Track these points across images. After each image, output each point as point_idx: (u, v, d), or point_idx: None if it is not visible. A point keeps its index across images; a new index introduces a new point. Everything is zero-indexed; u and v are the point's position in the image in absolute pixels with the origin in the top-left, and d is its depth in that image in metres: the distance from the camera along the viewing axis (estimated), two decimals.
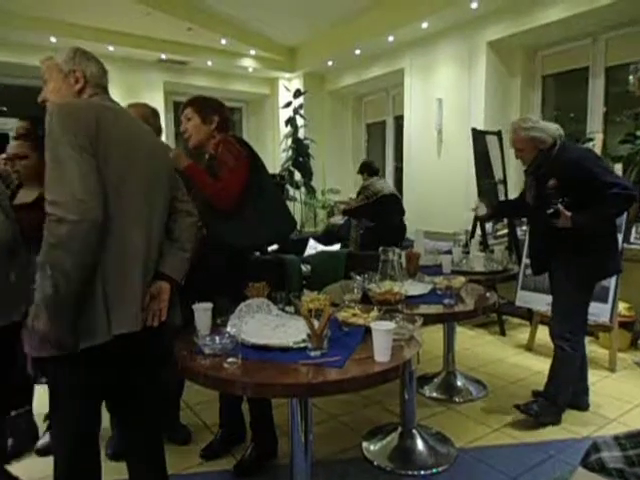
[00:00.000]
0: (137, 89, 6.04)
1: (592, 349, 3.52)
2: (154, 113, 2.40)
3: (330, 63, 6.51)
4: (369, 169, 4.71)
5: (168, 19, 5.24)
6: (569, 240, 2.38)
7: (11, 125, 4.24)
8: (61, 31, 5.16)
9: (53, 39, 5.19)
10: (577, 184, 2.33)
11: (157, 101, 6.11)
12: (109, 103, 1.49)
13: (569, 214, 2.34)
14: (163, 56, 6.17)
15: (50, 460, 1.47)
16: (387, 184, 4.84)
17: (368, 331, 1.54)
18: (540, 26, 4.35)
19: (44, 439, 2.33)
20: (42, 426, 2.43)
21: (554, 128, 2.47)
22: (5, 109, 5.88)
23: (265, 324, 1.69)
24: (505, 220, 4.37)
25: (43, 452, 2.27)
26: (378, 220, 4.48)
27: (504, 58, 4.92)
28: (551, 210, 2.39)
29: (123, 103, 1.62)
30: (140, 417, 1.59)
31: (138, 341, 1.41)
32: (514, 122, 2.60)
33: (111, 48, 5.56)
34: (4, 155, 3.57)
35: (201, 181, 2.04)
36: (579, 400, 2.64)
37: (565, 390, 2.52)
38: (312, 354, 1.44)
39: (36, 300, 1.26)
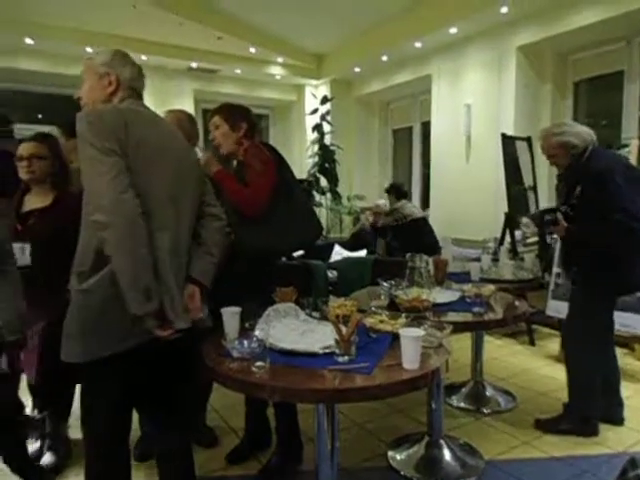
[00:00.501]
0: (168, 97, 6.18)
1: (627, 362, 3.39)
2: (190, 119, 2.44)
3: (357, 69, 6.53)
4: (397, 191, 4.73)
5: (199, 28, 5.36)
6: (589, 249, 2.34)
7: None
8: (97, 42, 5.33)
9: (89, 49, 5.36)
10: (594, 195, 2.28)
11: (187, 109, 6.20)
12: (139, 108, 1.52)
13: (565, 225, 2.32)
14: (193, 64, 6.30)
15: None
16: (417, 207, 4.91)
17: (396, 338, 1.52)
18: (571, 30, 4.26)
19: (48, 458, 2.24)
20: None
21: (587, 133, 2.42)
22: (40, 116, 6.11)
23: (293, 329, 1.69)
24: (535, 227, 4.28)
25: (53, 470, 2.20)
26: (410, 243, 4.47)
27: (534, 63, 4.84)
28: (548, 217, 2.36)
29: (156, 111, 1.66)
30: (169, 418, 1.61)
31: (168, 342, 1.43)
32: (545, 128, 2.55)
33: (144, 57, 5.70)
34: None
35: (230, 187, 2.06)
36: (613, 414, 2.55)
37: (587, 397, 2.44)
38: (340, 360, 1.44)
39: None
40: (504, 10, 4.45)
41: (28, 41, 5.27)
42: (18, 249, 1.93)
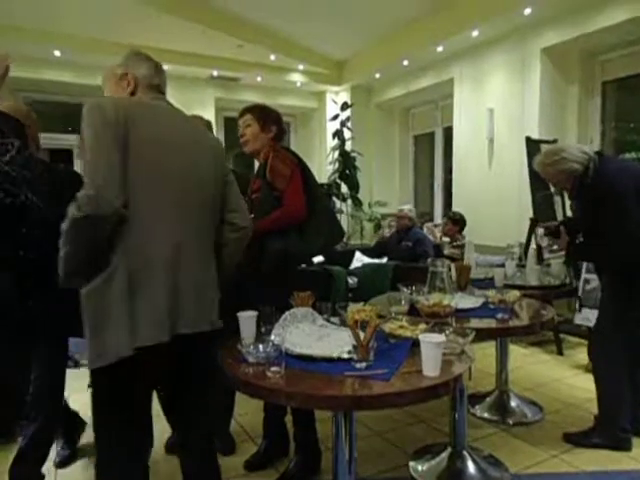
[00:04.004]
0: (190, 106, 6.24)
1: None
2: (205, 123, 2.44)
3: (377, 75, 6.50)
4: (464, 224, 4.73)
5: (220, 36, 5.42)
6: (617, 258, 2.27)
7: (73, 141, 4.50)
8: (121, 51, 5.42)
9: (113, 59, 5.48)
10: (604, 210, 2.20)
11: (209, 117, 6.26)
12: (155, 101, 1.48)
13: (567, 239, 2.25)
14: (215, 73, 6.38)
15: None
16: None
17: (416, 344, 1.47)
18: (599, 30, 4.14)
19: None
20: None
21: (580, 153, 2.31)
22: (70, 129, 6.25)
23: (309, 334, 1.65)
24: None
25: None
26: None
27: (560, 64, 4.73)
28: (549, 227, 2.31)
29: None
30: (192, 417, 1.57)
31: (189, 342, 1.39)
32: (537, 159, 2.48)
33: (166, 67, 5.73)
34: None
35: (273, 221, 2.04)
36: None
37: (617, 409, 2.33)
38: (357, 366, 1.39)
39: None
40: (527, 11, 4.37)
41: (56, 53, 5.42)
42: None
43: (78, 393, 2.88)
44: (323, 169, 6.97)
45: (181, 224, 1.40)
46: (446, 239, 4.86)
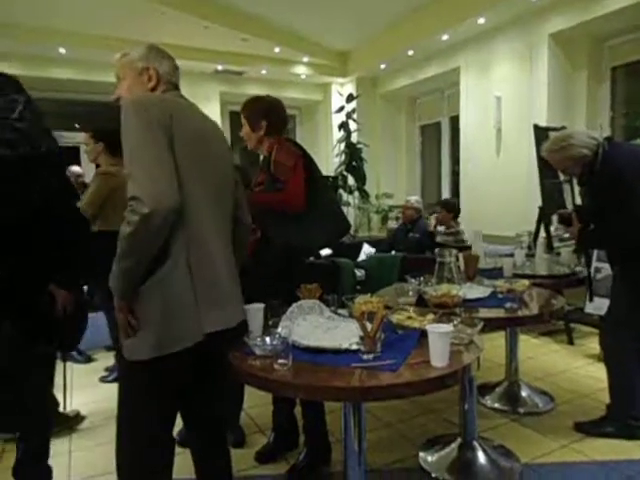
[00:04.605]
0: (195, 101, 6.15)
1: None
2: None
3: (383, 66, 6.45)
4: (457, 211, 4.71)
5: (224, 31, 5.40)
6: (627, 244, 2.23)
7: (80, 139, 4.56)
8: (126, 48, 5.44)
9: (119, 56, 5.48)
10: (613, 195, 2.16)
11: (214, 111, 6.30)
12: (182, 100, 1.49)
13: (578, 226, 2.19)
14: (220, 67, 6.36)
15: None
16: None
17: (424, 335, 1.46)
18: (606, 14, 4.07)
19: None
20: None
21: (588, 138, 2.27)
22: (77, 125, 6.28)
23: (317, 326, 1.65)
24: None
25: None
26: None
27: (568, 50, 4.65)
28: (562, 214, 2.26)
29: None
30: (209, 408, 1.58)
31: (214, 342, 1.38)
32: (544, 146, 2.45)
33: None
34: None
35: (269, 200, 2.04)
36: None
37: (630, 398, 2.32)
38: (365, 357, 1.39)
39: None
40: None
41: (61, 50, 5.43)
42: None
43: (86, 388, 2.92)
44: (329, 161, 6.94)
45: (219, 219, 1.46)
46: (441, 228, 4.82)
